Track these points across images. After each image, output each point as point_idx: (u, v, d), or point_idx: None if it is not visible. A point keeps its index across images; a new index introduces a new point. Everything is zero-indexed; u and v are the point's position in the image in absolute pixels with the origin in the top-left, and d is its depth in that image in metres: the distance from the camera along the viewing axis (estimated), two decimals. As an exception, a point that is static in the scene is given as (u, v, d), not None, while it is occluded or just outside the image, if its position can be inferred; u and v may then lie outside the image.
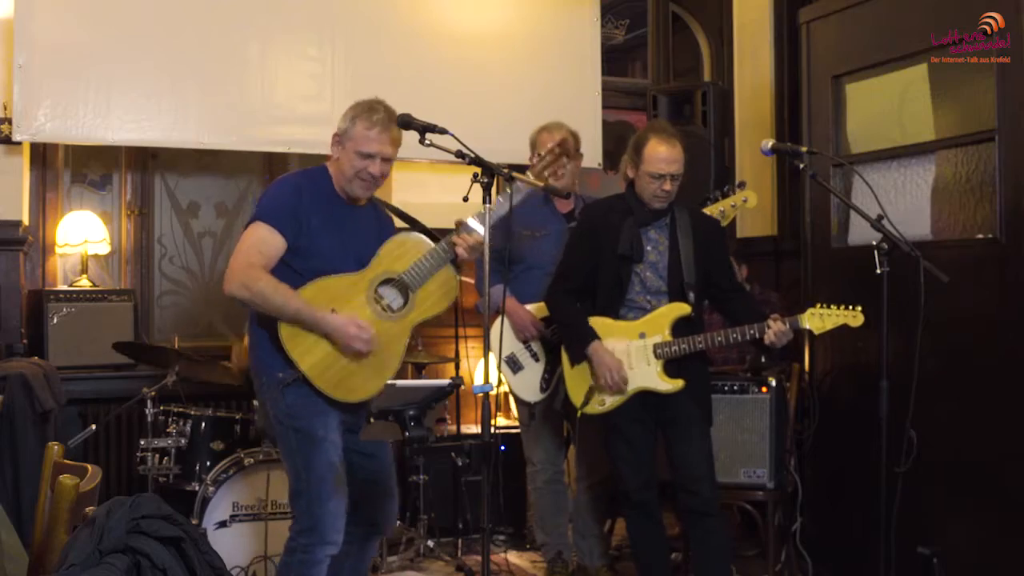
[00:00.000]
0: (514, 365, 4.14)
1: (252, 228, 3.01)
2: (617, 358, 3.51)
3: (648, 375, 3.52)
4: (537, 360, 4.11)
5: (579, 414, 3.62)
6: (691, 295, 3.50)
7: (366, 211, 3.21)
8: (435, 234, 3.26)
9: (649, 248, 3.56)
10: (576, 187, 4.27)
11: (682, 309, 3.51)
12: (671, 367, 3.51)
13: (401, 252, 3.15)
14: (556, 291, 3.72)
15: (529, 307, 4.09)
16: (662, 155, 3.46)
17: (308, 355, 2.98)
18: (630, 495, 3.60)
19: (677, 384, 3.50)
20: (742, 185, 3.99)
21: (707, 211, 3.86)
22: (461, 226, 3.14)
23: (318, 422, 3.02)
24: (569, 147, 3.39)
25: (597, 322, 3.56)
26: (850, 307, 3.36)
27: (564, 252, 3.81)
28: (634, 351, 3.52)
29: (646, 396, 3.53)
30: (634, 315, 3.56)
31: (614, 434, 3.61)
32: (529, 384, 4.13)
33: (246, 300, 2.97)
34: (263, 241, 2.98)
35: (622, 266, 3.54)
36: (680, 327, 3.51)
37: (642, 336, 3.52)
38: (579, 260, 3.66)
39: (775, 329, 3.36)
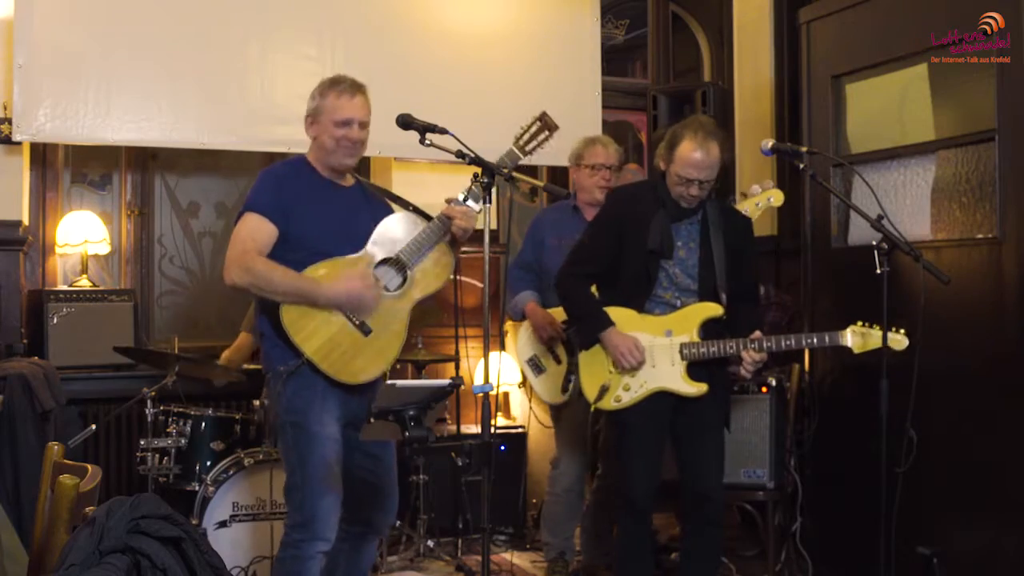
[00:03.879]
0: (536, 367, 4.17)
1: (242, 220, 3.07)
2: (632, 336, 3.36)
3: (671, 375, 3.38)
4: (559, 363, 4.13)
5: (592, 408, 3.45)
6: (723, 297, 3.37)
7: (352, 192, 3.23)
8: (427, 214, 3.26)
9: (679, 244, 3.40)
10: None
11: (714, 310, 3.37)
12: (693, 369, 3.38)
13: (396, 232, 3.16)
14: (570, 273, 3.53)
15: (550, 311, 4.11)
16: (693, 160, 3.28)
17: (312, 339, 3.00)
18: (636, 501, 3.45)
19: (701, 388, 3.37)
20: (767, 184, 3.90)
21: None
22: (451, 201, 3.17)
23: (315, 417, 3.03)
24: (550, 122, 3.36)
25: (621, 313, 3.40)
26: (895, 328, 3.23)
27: (584, 235, 3.66)
28: (658, 349, 3.38)
29: (664, 397, 3.39)
30: (661, 311, 3.41)
31: (626, 434, 3.46)
32: (550, 387, 4.15)
33: (247, 285, 3.00)
34: (255, 229, 3.03)
35: (650, 260, 3.38)
36: (708, 329, 3.39)
37: (668, 334, 3.38)
38: (600, 246, 3.48)
39: (751, 357, 3.31)
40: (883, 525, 3.11)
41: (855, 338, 3.29)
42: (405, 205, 3.30)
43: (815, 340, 3.35)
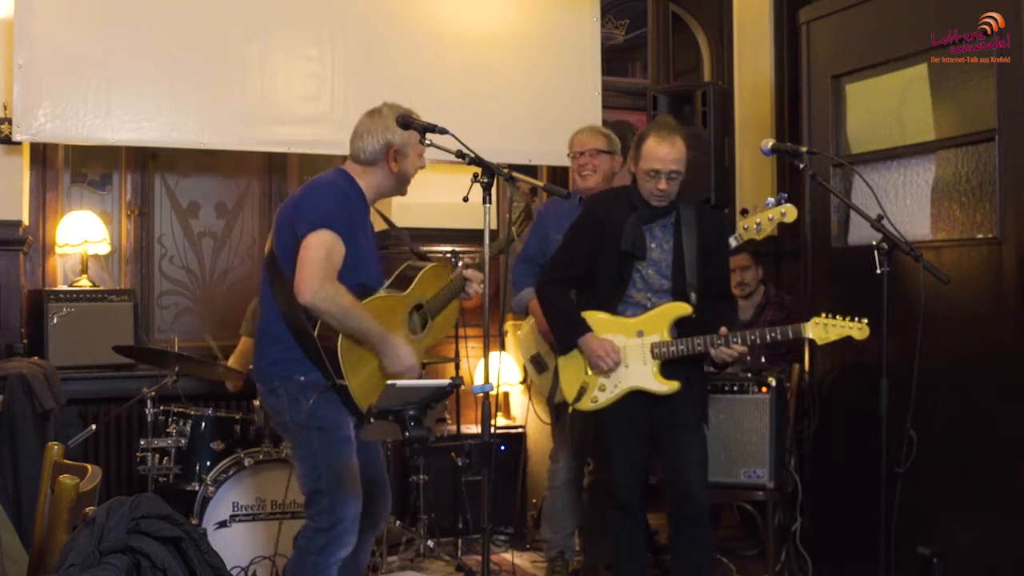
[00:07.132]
0: (539, 364, 4.19)
1: (319, 236, 2.93)
2: (607, 340, 3.45)
3: (644, 375, 3.46)
4: None
5: (570, 410, 3.56)
6: (692, 296, 3.45)
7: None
8: (419, 249, 3.41)
9: (653, 245, 3.50)
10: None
11: (682, 309, 3.45)
12: (667, 368, 3.46)
13: (431, 282, 3.26)
14: (549, 280, 3.66)
15: None
16: (658, 153, 3.40)
17: (357, 370, 3.01)
18: (619, 495, 3.54)
19: (673, 386, 3.44)
20: (783, 198, 3.85)
21: (745, 222, 3.80)
22: (476, 265, 3.24)
23: (342, 421, 3.05)
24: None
25: (594, 317, 3.50)
26: (856, 319, 3.29)
27: (563, 241, 3.75)
28: (630, 349, 3.47)
29: (640, 396, 3.47)
30: (632, 312, 3.50)
31: (606, 432, 3.57)
32: (553, 384, 4.14)
33: (326, 312, 2.93)
34: (332, 251, 2.95)
35: (623, 262, 3.48)
36: (680, 327, 3.46)
37: (640, 334, 3.47)
38: (577, 251, 3.60)
39: (722, 355, 3.40)
40: (883, 525, 3.11)
41: (817, 330, 3.33)
42: (394, 228, 3.46)
43: (779, 334, 3.39)
